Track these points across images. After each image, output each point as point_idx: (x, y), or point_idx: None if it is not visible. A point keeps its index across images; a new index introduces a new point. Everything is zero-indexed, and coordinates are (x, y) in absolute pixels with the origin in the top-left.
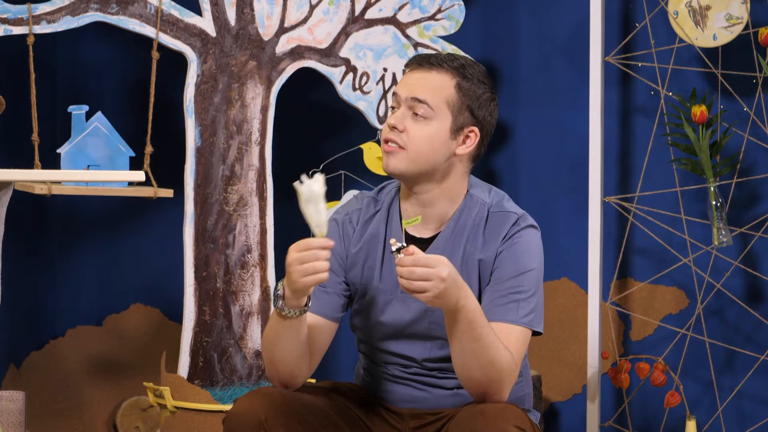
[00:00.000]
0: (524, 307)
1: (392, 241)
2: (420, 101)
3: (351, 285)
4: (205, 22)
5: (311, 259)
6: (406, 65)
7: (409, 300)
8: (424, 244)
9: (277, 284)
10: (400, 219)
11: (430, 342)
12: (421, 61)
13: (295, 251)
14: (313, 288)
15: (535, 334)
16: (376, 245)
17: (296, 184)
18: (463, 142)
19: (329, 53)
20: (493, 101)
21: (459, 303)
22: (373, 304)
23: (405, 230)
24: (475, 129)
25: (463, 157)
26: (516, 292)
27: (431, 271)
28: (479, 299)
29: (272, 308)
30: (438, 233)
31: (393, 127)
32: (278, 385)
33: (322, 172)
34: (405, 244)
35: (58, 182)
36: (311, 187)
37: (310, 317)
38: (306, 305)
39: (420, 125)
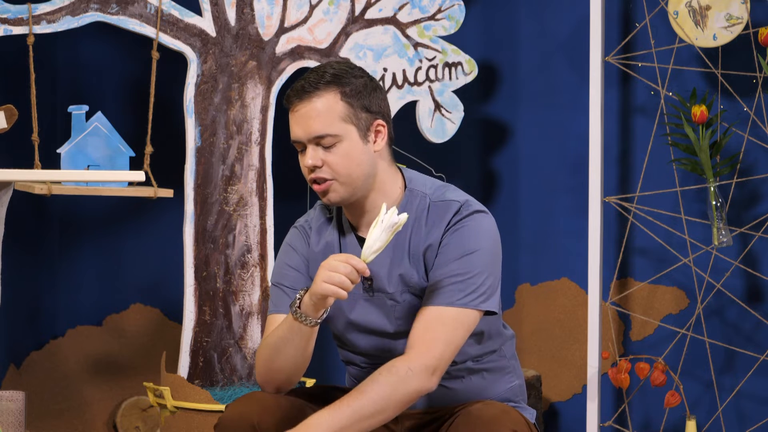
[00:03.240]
0: (463, 288)
1: None
2: (321, 137)
3: None
4: (205, 22)
5: (342, 271)
6: (286, 102)
7: (371, 299)
8: None
9: (300, 289)
10: (351, 227)
11: (403, 339)
12: (298, 94)
13: (333, 258)
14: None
15: (488, 314)
16: (333, 252)
17: (384, 204)
18: (376, 139)
19: (329, 53)
20: (376, 86)
21: None
22: (340, 306)
23: (356, 235)
24: (379, 121)
25: (381, 151)
26: (457, 274)
27: None
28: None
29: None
30: None
31: (313, 167)
32: (271, 391)
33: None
34: None
35: (58, 182)
36: (393, 217)
37: (290, 319)
38: (319, 317)
39: (333, 152)
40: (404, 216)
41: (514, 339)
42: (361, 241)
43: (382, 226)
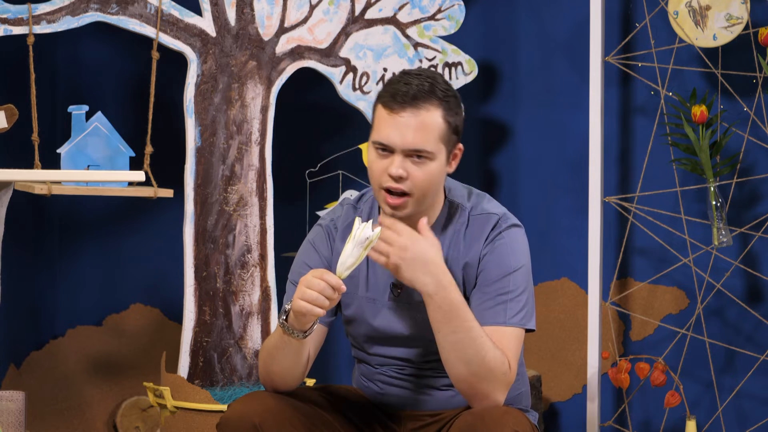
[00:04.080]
0: (512, 307)
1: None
2: (419, 152)
3: None
4: (205, 22)
5: (316, 288)
6: (385, 104)
7: (396, 308)
8: None
9: (288, 302)
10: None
11: (424, 345)
12: (405, 99)
13: (310, 274)
14: (317, 319)
15: (528, 331)
16: None
17: (358, 218)
18: (453, 162)
19: (329, 53)
20: (461, 104)
21: (428, 287)
22: (363, 313)
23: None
24: (461, 145)
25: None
26: (503, 293)
27: (395, 237)
28: (467, 303)
29: (277, 321)
30: None
31: (398, 178)
32: (271, 391)
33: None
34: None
35: (58, 182)
36: (364, 230)
37: (280, 329)
38: (307, 332)
39: (421, 167)
40: (377, 231)
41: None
42: None
43: (355, 241)
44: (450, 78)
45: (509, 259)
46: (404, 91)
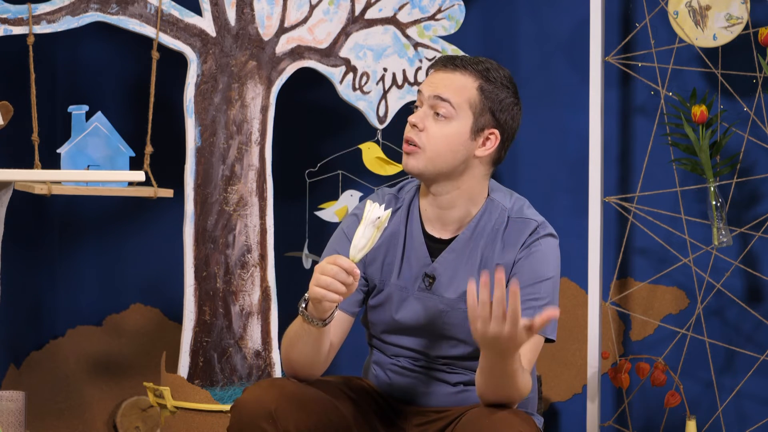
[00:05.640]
0: (538, 314)
1: None
2: (442, 99)
3: (369, 280)
4: (205, 22)
5: (329, 273)
6: (431, 66)
7: (425, 299)
8: (442, 245)
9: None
10: (420, 218)
11: (443, 341)
12: (446, 62)
13: (325, 260)
14: (335, 306)
15: (548, 341)
16: (396, 243)
17: (369, 200)
18: (483, 144)
19: (329, 53)
20: (516, 106)
21: (509, 350)
22: (390, 301)
23: (424, 230)
24: (496, 132)
25: (482, 159)
26: (531, 299)
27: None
28: None
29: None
30: (457, 235)
31: (414, 125)
32: (292, 377)
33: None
34: None
35: (58, 182)
36: (375, 212)
37: (300, 317)
38: (326, 320)
39: (440, 125)
40: (388, 212)
41: None
42: (428, 237)
43: (366, 222)
44: None
45: (542, 266)
46: (448, 58)
